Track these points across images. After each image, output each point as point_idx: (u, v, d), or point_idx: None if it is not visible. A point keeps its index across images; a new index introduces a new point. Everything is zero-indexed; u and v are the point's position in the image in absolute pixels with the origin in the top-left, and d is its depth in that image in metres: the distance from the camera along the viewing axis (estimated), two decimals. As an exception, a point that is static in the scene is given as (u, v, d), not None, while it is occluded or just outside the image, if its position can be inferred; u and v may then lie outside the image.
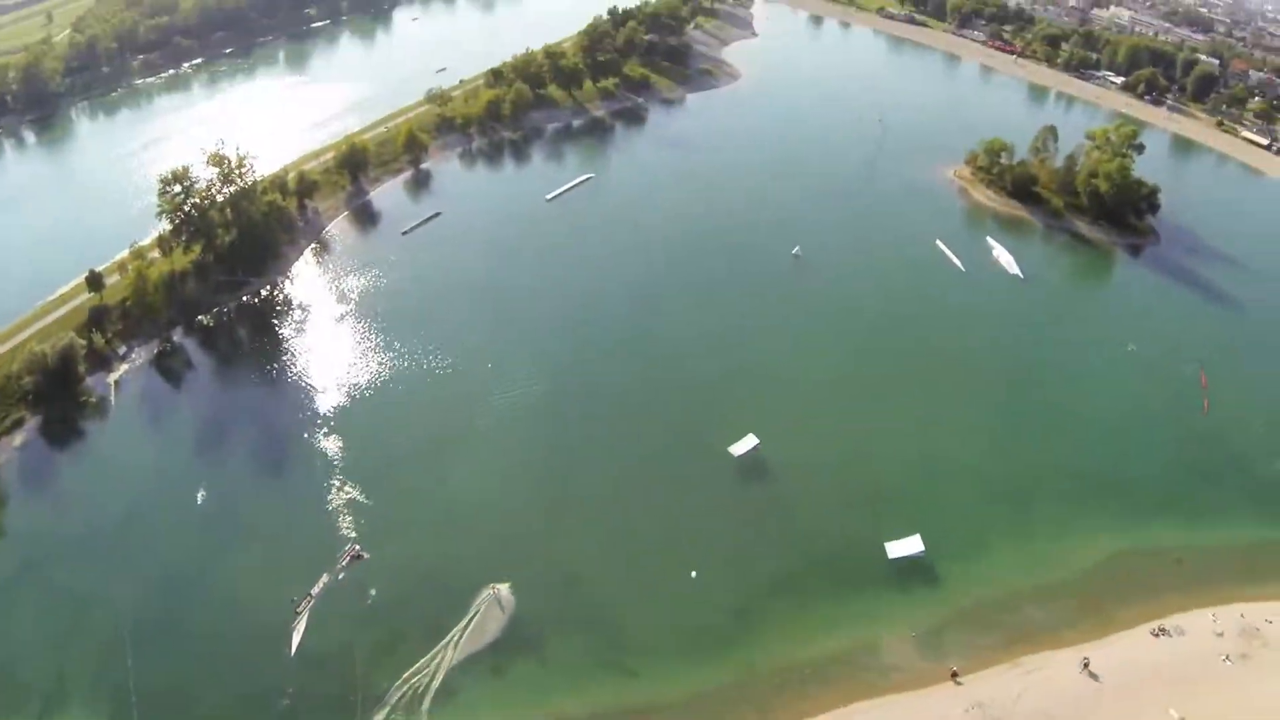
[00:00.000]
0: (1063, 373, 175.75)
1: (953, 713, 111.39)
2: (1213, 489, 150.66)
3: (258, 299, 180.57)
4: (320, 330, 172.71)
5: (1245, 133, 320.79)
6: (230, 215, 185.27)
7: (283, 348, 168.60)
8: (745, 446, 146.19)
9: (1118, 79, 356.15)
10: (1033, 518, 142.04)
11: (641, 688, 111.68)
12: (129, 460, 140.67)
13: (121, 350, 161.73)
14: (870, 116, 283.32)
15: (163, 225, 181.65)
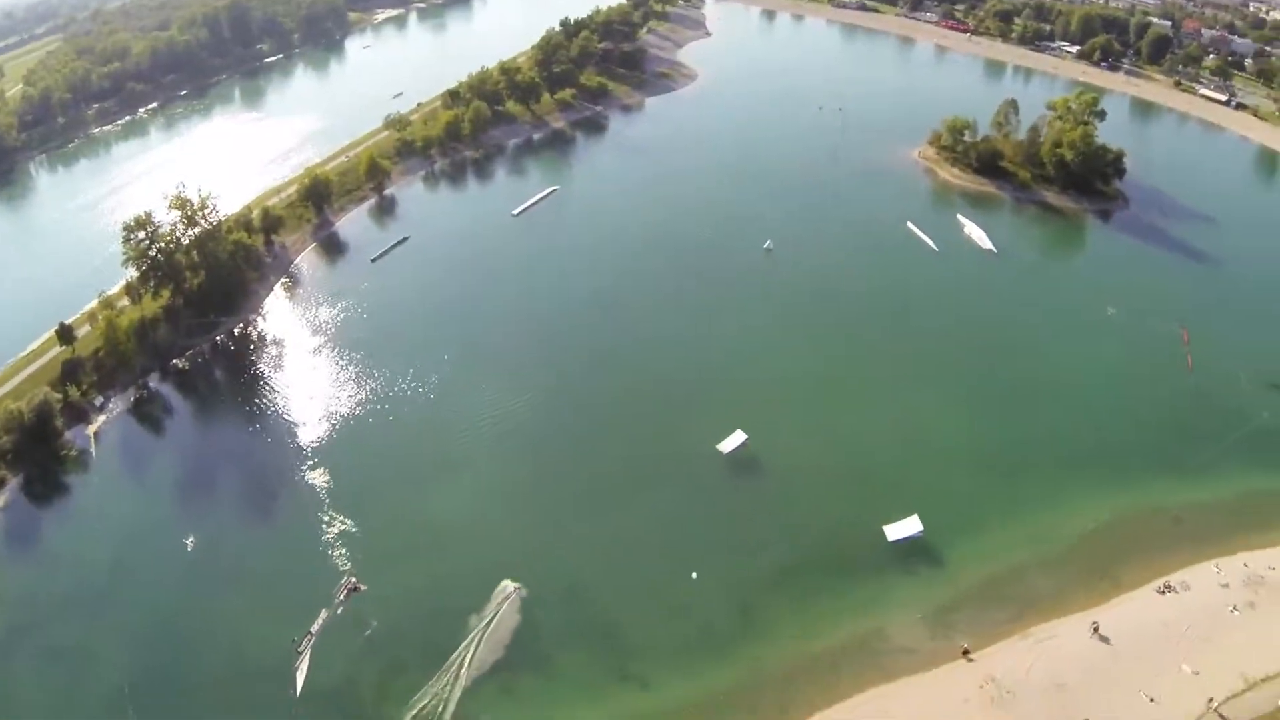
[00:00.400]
0: (1045, 341, 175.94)
1: (967, 689, 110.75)
2: (1204, 444, 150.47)
3: (231, 339, 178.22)
4: (296, 364, 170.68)
5: (1203, 90, 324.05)
6: (197, 257, 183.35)
7: (260, 385, 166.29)
8: (734, 443, 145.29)
9: (1073, 48, 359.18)
10: (1028, 488, 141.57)
11: (653, 695, 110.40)
12: (114, 512, 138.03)
13: (98, 401, 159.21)
14: (830, 106, 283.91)
15: (130, 273, 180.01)
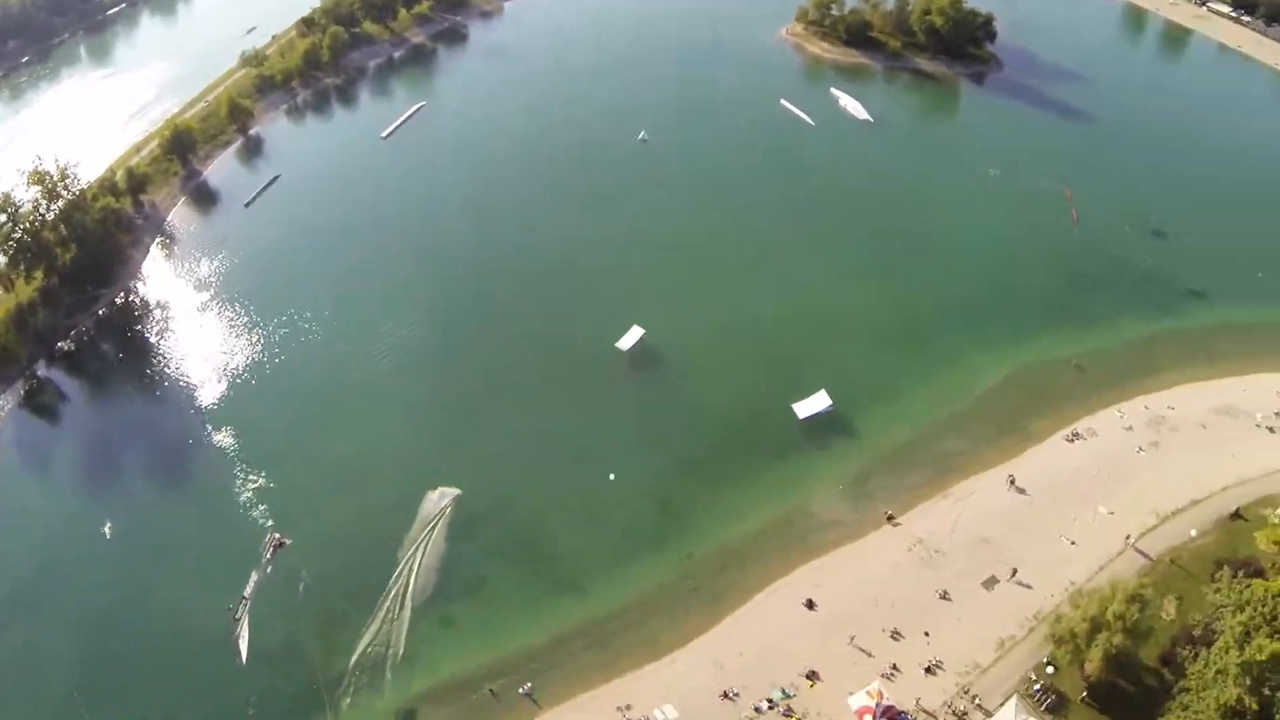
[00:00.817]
0: (932, 208, 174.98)
1: (896, 554, 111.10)
2: (1096, 294, 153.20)
3: (114, 310, 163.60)
4: (185, 326, 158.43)
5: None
6: (65, 231, 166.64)
7: (152, 354, 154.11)
8: (632, 339, 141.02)
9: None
10: (931, 351, 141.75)
11: (590, 602, 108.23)
12: (26, 508, 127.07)
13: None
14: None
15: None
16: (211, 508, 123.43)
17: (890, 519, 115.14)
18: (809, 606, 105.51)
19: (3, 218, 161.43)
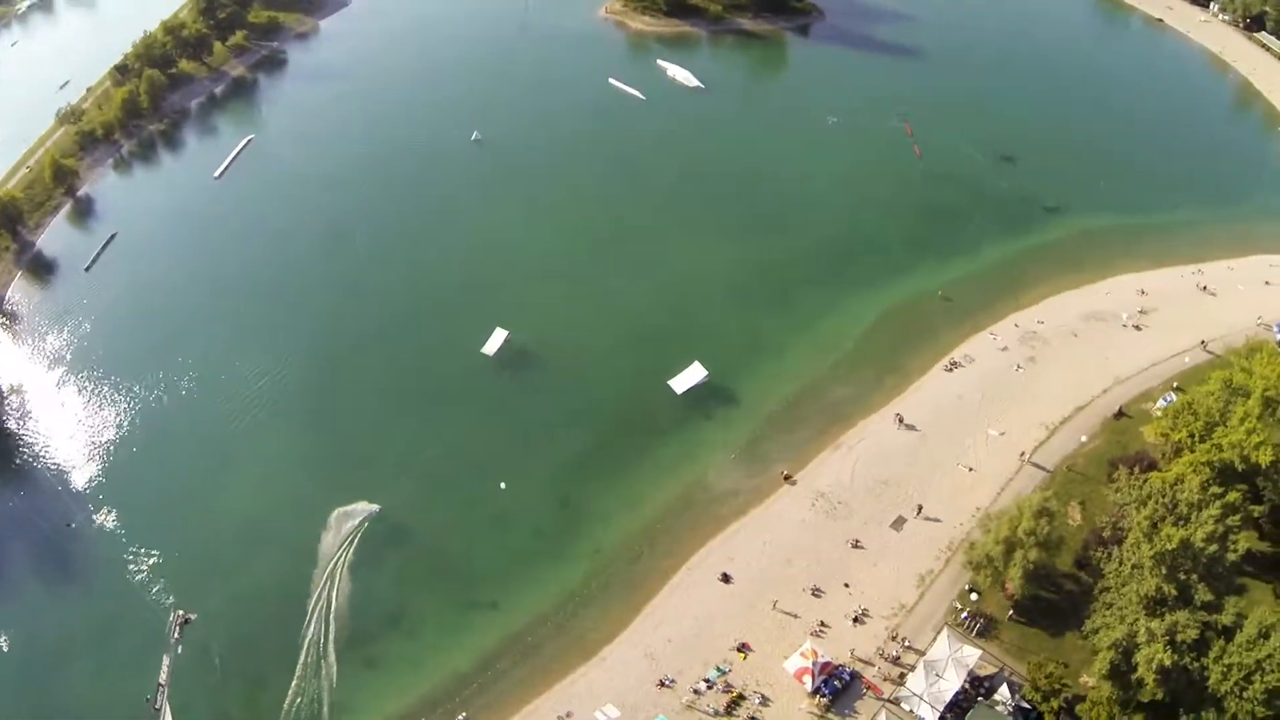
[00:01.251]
0: (777, 164, 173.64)
1: (802, 511, 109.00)
2: (950, 222, 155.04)
3: None
4: (44, 407, 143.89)
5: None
6: None
7: (12, 444, 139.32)
8: (497, 342, 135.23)
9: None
10: (801, 306, 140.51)
11: (511, 615, 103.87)
12: None
13: None
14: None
15: None
16: (106, 597, 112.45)
17: (788, 478, 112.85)
18: (725, 580, 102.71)
19: None
